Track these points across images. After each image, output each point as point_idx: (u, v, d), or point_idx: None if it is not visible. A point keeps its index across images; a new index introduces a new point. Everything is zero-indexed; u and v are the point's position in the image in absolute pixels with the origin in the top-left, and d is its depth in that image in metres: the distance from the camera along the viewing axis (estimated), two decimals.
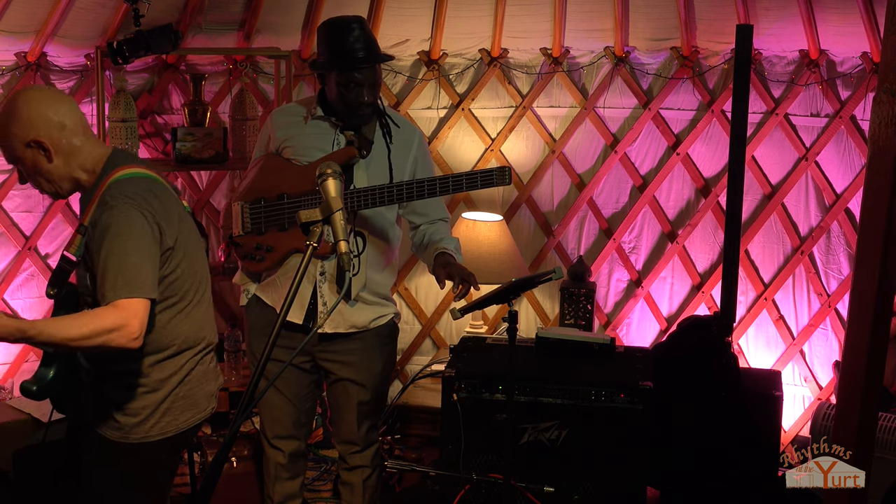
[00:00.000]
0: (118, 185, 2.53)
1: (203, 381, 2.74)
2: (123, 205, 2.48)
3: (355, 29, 3.14)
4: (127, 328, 2.41)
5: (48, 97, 2.59)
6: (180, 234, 2.60)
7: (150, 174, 2.61)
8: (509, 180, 3.16)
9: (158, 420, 2.65)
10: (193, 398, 2.71)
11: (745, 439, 3.67)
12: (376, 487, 3.49)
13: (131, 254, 2.45)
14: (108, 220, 2.47)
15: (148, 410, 2.63)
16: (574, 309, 4.64)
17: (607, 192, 4.98)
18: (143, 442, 2.64)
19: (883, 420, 3.90)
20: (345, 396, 3.36)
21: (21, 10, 4.09)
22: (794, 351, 4.84)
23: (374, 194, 3.12)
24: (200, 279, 2.72)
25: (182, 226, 2.63)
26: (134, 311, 2.42)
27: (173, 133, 4.51)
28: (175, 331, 2.64)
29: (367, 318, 3.31)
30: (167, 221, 2.55)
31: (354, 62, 3.11)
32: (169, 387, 2.65)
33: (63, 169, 2.57)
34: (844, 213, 4.71)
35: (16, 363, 4.50)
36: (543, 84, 4.90)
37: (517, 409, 3.39)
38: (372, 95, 3.18)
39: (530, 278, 3.06)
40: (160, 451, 2.69)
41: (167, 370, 2.64)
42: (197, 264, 2.70)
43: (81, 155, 2.57)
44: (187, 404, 2.70)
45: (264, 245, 3.26)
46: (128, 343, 2.42)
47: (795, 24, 4.54)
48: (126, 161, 2.62)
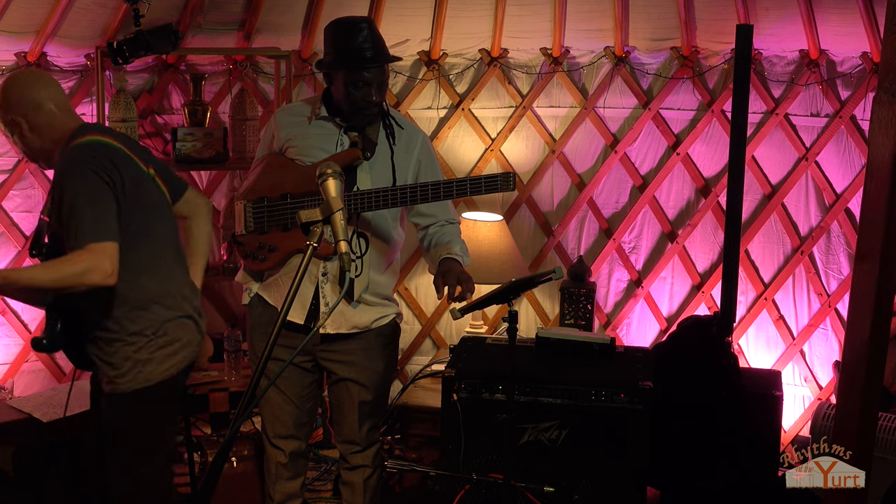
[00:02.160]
0: (75, 149, 2.82)
1: (182, 333, 2.94)
2: (76, 165, 2.77)
3: (364, 29, 3.14)
4: (100, 267, 2.68)
5: (28, 79, 2.95)
6: (135, 197, 2.83)
7: (108, 141, 2.87)
8: (514, 186, 3.16)
9: (141, 369, 2.86)
10: (173, 348, 2.92)
11: (745, 439, 3.67)
12: (377, 487, 3.48)
13: (91, 204, 2.72)
14: (63, 180, 2.77)
15: (129, 363, 2.86)
16: (574, 309, 4.64)
17: (607, 192, 4.98)
18: (131, 391, 2.86)
19: (883, 420, 3.90)
20: (346, 396, 3.36)
21: (21, 10, 4.10)
22: (794, 351, 4.84)
23: (377, 197, 3.12)
24: (164, 242, 2.95)
25: (139, 189, 2.86)
26: (104, 252, 2.69)
27: (173, 133, 4.51)
28: (138, 284, 2.85)
29: (369, 319, 3.31)
30: (120, 179, 2.79)
31: (363, 61, 3.11)
32: (143, 339, 2.87)
33: (38, 142, 2.90)
34: (844, 213, 4.71)
35: (16, 363, 4.51)
36: (543, 84, 4.90)
37: (517, 409, 3.39)
38: (380, 95, 3.18)
39: (530, 278, 3.05)
40: (150, 399, 2.89)
41: (139, 323, 2.86)
42: (157, 226, 2.93)
43: (53, 129, 2.88)
44: (167, 353, 2.90)
45: (267, 245, 3.26)
46: (103, 280, 2.69)
47: (795, 24, 4.54)
48: (88, 131, 2.89)
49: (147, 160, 2.98)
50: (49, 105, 2.87)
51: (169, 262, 2.96)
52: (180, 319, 2.95)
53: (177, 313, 2.94)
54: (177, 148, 4.45)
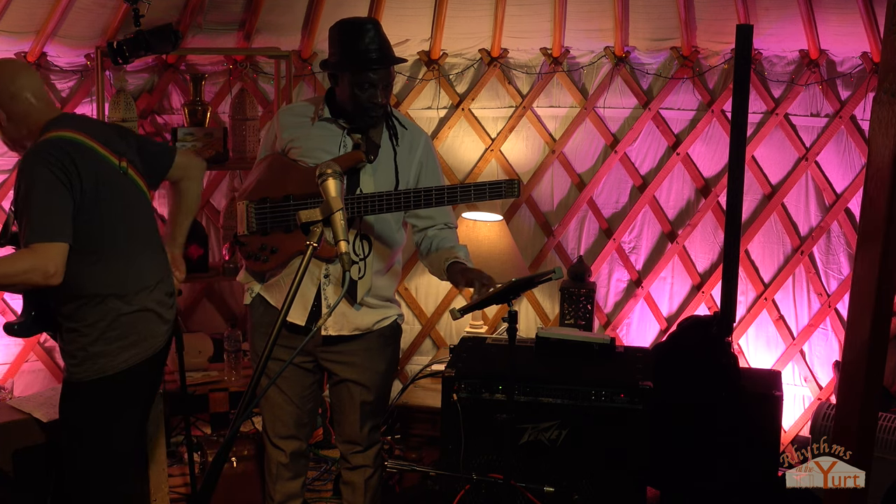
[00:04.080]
0: (40, 144, 2.86)
1: (140, 326, 2.99)
2: (34, 162, 2.81)
3: (370, 30, 3.14)
4: (41, 267, 2.73)
5: (5, 69, 2.99)
6: (96, 195, 2.88)
7: (76, 137, 2.89)
8: (518, 193, 3.16)
9: (95, 361, 2.94)
10: (129, 341, 2.97)
11: (745, 439, 3.67)
12: (378, 487, 3.49)
13: (43, 203, 2.77)
14: (21, 176, 2.84)
15: (83, 354, 2.94)
16: (574, 309, 4.64)
17: (607, 192, 4.98)
18: (86, 381, 2.95)
19: (883, 420, 3.90)
20: (347, 397, 3.36)
21: (21, 10, 4.09)
22: (794, 351, 4.84)
23: (380, 201, 3.11)
24: (130, 236, 3.00)
25: (104, 187, 2.90)
26: (47, 253, 2.75)
27: (173, 133, 4.51)
28: (92, 278, 2.90)
29: (371, 321, 3.31)
30: (77, 178, 2.83)
31: (369, 63, 3.11)
32: (97, 331, 2.93)
33: (14, 132, 2.97)
34: (844, 213, 4.71)
35: (16, 363, 4.50)
36: (543, 84, 4.91)
37: (517, 409, 3.39)
38: (385, 97, 3.17)
39: (530, 278, 3.05)
40: (104, 389, 2.97)
41: (93, 316, 2.92)
42: (122, 222, 2.97)
43: (31, 120, 2.94)
44: (122, 346, 2.96)
45: (269, 246, 3.26)
46: (45, 281, 2.75)
47: (795, 24, 4.54)
48: (60, 125, 2.93)
49: (122, 152, 3.01)
50: (26, 94, 2.92)
51: (133, 255, 3.01)
52: (139, 313, 2.99)
53: (134, 307, 2.98)
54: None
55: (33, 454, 3.66)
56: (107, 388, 2.97)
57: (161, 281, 3.10)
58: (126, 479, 3.18)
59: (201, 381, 4.54)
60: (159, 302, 3.07)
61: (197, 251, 4.60)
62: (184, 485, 4.15)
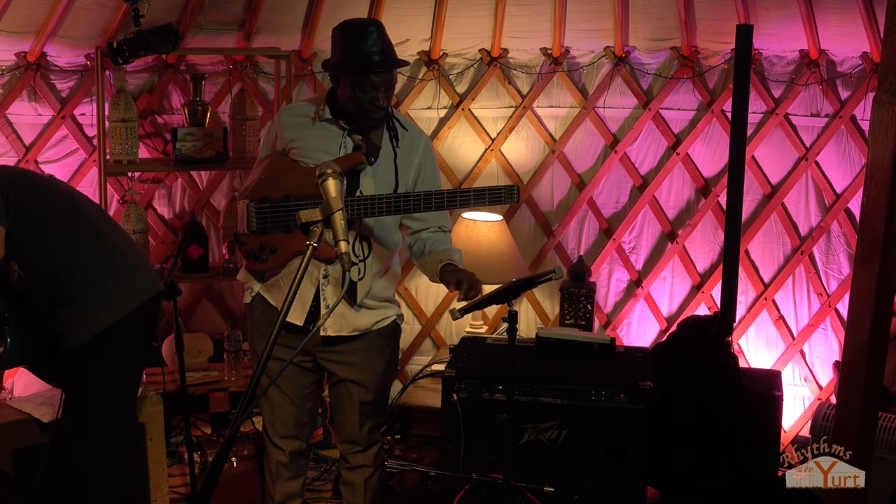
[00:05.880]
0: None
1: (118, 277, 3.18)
2: None
3: (374, 32, 3.14)
4: None
5: None
6: (41, 218, 3.06)
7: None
8: (517, 199, 3.16)
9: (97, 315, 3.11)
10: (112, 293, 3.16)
11: (745, 439, 3.67)
12: (378, 487, 3.48)
13: None
14: None
15: (78, 319, 3.09)
16: (574, 309, 4.64)
17: (607, 192, 4.98)
18: (89, 338, 3.10)
19: (883, 420, 3.90)
20: (347, 397, 3.36)
21: (21, 10, 4.10)
22: (794, 351, 4.84)
23: (380, 204, 3.11)
24: (89, 251, 3.13)
25: (46, 210, 3.09)
26: None
27: (173, 133, 4.51)
28: (96, 302, 3.11)
29: (370, 321, 3.30)
30: (17, 206, 2.99)
31: (372, 65, 3.11)
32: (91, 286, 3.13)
33: None
34: (844, 213, 4.71)
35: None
36: (543, 84, 4.90)
37: (517, 409, 3.39)
38: (387, 100, 3.17)
39: (530, 278, 3.05)
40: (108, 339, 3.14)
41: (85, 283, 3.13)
42: (70, 238, 3.12)
43: None
44: (110, 300, 3.14)
45: (269, 245, 3.25)
46: None
47: (795, 24, 4.54)
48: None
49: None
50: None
51: (117, 267, 3.20)
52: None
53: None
54: (177, 148, 4.45)
55: (33, 454, 3.66)
56: (105, 340, 3.12)
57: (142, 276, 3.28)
58: (126, 479, 3.18)
59: (201, 381, 4.54)
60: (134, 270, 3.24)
61: (197, 251, 4.60)
62: (184, 485, 4.15)
